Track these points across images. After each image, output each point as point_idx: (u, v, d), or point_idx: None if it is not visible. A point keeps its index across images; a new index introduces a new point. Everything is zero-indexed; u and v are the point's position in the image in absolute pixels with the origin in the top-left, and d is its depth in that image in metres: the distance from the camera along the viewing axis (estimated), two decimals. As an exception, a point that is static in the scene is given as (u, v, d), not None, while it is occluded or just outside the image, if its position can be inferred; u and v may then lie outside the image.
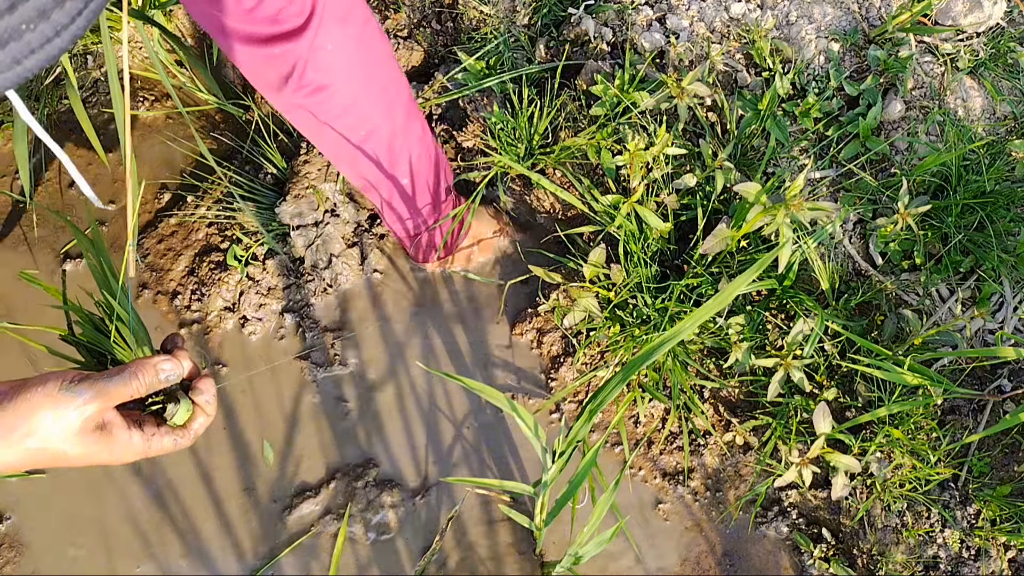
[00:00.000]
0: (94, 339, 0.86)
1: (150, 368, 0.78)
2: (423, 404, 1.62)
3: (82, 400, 0.73)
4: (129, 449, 0.78)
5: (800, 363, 1.42)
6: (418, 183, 1.41)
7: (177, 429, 0.82)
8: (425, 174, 1.42)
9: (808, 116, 1.53)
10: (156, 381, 0.79)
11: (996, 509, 1.41)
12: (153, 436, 0.80)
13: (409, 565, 1.51)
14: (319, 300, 1.67)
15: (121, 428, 0.77)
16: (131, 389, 0.77)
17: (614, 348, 1.54)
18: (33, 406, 0.72)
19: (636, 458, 1.56)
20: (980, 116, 1.57)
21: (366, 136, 1.27)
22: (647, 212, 1.46)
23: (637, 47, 1.62)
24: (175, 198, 1.79)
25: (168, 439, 0.81)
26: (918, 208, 1.44)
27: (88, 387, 0.74)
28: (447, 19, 1.79)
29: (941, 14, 1.60)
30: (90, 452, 0.75)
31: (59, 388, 0.73)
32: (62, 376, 0.74)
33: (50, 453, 0.73)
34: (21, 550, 1.52)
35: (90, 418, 0.74)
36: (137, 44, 1.88)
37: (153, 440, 0.79)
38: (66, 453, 0.74)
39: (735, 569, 1.51)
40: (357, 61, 1.17)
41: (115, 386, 0.75)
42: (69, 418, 0.73)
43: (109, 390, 0.75)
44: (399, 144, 1.32)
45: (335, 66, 1.14)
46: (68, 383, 0.73)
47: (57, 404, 0.72)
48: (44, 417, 0.72)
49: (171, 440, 0.81)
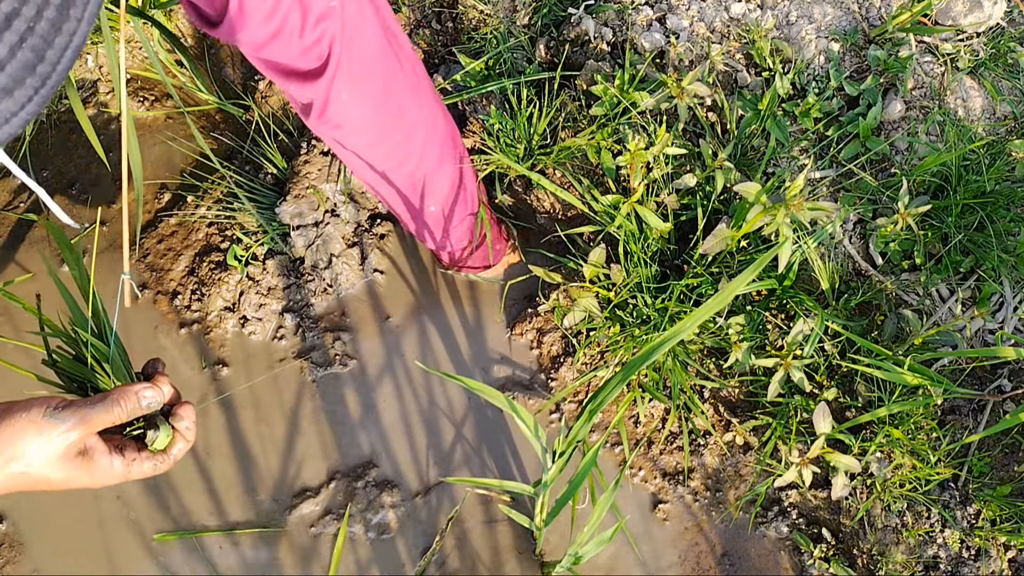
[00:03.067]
0: (74, 368, 0.87)
1: (132, 396, 0.80)
2: (423, 404, 1.62)
3: (66, 427, 0.74)
4: (110, 474, 0.79)
5: (800, 363, 1.42)
6: (444, 212, 1.42)
7: (157, 454, 0.84)
8: (453, 206, 1.42)
9: (808, 116, 1.53)
10: (138, 408, 0.80)
11: (996, 509, 1.41)
12: (134, 461, 0.81)
13: (409, 565, 1.51)
14: (319, 300, 1.67)
15: (103, 453, 0.79)
16: (113, 416, 0.78)
17: (614, 348, 1.54)
18: (17, 432, 0.73)
19: (636, 458, 1.56)
20: (980, 116, 1.57)
21: (388, 171, 1.29)
22: (647, 212, 1.46)
23: (637, 47, 1.62)
24: (175, 198, 1.79)
25: (148, 464, 0.83)
26: (918, 208, 1.44)
27: (72, 414, 0.75)
28: (447, 19, 1.79)
29: (941, 14, 1.60)
30: (72, 477, 0.77)
31: (43, 414, 0.74)
32: (46, 402, 0.75)
33: (32, 478, 0.75)
34: (21, 550, 1.52)
35: (73, 444, 0.75)
36: (137, 44, 1.88)
37: (133, 465, 0.81)
38: (48, 478, 0.75)
39: (735, 569, 1.51)
40: (375, 113, 1.18)
41: (98, 413, 0.77)
42: (53, 444, 0.74)
43: (92, 417, 0.76)
44: (429, 181, 1.34)
45: (351, 114, 1.15)
46: (52, 409, 0.74)
47: (41, 430, 0.73)
48: (28, 443, 0.73)
49: (151, 465, 0.83)
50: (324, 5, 1.00)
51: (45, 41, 0.42)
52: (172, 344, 1.65)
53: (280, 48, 1.02)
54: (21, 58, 0.42)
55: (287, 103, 1.81)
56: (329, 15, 1.01)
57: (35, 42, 0.42)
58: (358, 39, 1.08)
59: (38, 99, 0.44)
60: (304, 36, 1.01)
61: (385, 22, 1.12)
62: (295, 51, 1.03)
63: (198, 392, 1.62)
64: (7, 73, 0.42)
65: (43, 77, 0.44)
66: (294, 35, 1.00)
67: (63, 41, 0.43)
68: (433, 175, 1.33)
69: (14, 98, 0.43)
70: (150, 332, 1.66)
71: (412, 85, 1.20)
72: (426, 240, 1.51)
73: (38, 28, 0.42)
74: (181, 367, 1.64)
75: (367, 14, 1.08)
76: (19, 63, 0.42)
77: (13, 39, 0.41)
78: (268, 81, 1.82)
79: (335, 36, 1.03)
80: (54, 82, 0.44)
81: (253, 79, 1.84)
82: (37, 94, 0.44)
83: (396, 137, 1.24)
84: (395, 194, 1.34)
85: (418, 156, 1.29)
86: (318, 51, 1.04)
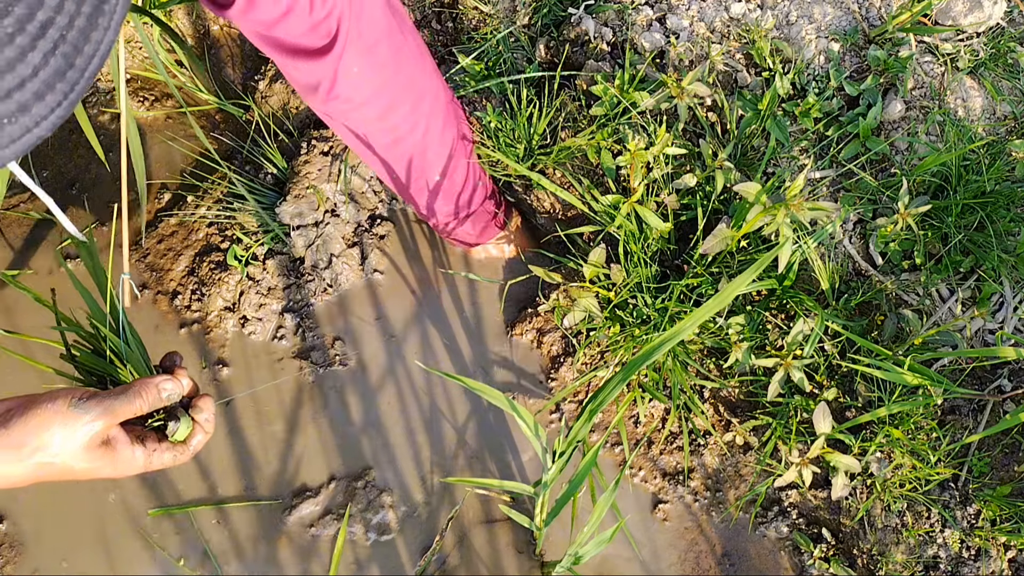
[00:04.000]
0: (93, 363, 0.89)
1: (153, 388, 0.82)
2: (423, 404, 1.62)
3: (90, 417, 0.76)
4: (132, 464, 0.81)
5: (800, 363, 1.42)
6: (451, 183, 1.43)
7: (177, 445, 0.85)
8: (459, 175, 1.44)
9: (808, 116, 1.53)
10: (159, 400, 0.82)
11: (996, 509, 1.41)
12: (154, 452, 0.83)
13: (409, 565, 1.51)
14: (319, 300, 1.67)
15: (125, 444, 0.80)
16: (135, 407, 0.80)
17: (614, 348, 1.54)
18: (43, 422, 0.75)
19: (636, 458, 1.56)
20: (980, 116, 1.57)
21: (394, 142, 1.30)
22: (647, 212, 1.46)
23: (637, 47, 1.62)
24: (175, 198, 1.79)
25: (168, 455, 0.84)
26: (918, 208, 1.44)
27: (96, 404, 0.77)
28: (447, 19, 1.79)
29: (941, 14, 1.60)
30: (95, 467, 0.78)
31: (68, 405, 0.76)
32: (70, 393, 0.77)
33: (57, 468, 0.77)
34: (21, 550, 1.52)
35: (97, 434, 0.77)
36: (137, 44, 1.88)
37: (154, 456, 0.83)
38: (72, 468, 0.77)
39: (735, 569, 1.51)
40: (386, 84, 1.20)
41: (121, 404, 0.79)
42: (77, 434, 0.76)
43: (115, 408, 0.78)
44: (432, 150, 1.35)
45: (363, 87, 1.17)
46: (76, 400, 0.76)
47: (66, 420, 0.75)
48: (54, 433, 0.75)
49: (171, 456, 0.85)
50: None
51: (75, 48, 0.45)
52: (172, 344, 1.65)
53: (291, 26, 1.03)
54: (54, 64, 0.44)
55: (287, 103, 1.81)
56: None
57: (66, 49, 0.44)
58: (366, 12, 1.09)
59: (67, 104, 0.46)
60: (314, 12, 1.02)
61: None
62: (305, 27, 1.04)
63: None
64: (40, 79, 0.44)
65: (72, 83, 0.46)
66: (304, 11, 1.01)
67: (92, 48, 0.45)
68: (437, 142, 1.35)
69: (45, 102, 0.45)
70: (150, 332, 1.66)
71: (417, 55, 1.22)
72: (433, 213, 1.51)
73: (69, 36, 0.44)
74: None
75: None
76: (51, 69, 0.44)
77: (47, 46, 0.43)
78: (268, 81, 1.82)
79: (343, 11, 1.05)
80: (82, 87, 0.46)
81: (253, 79, 1.84)
82: (66, 99, 0.46)
83: (405, 107, 1.25)
84: (400, 165, 1.35)
85: (424, 124, 1.30)
86: (327, 26, 1.05)
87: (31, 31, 0.42)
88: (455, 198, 1.47)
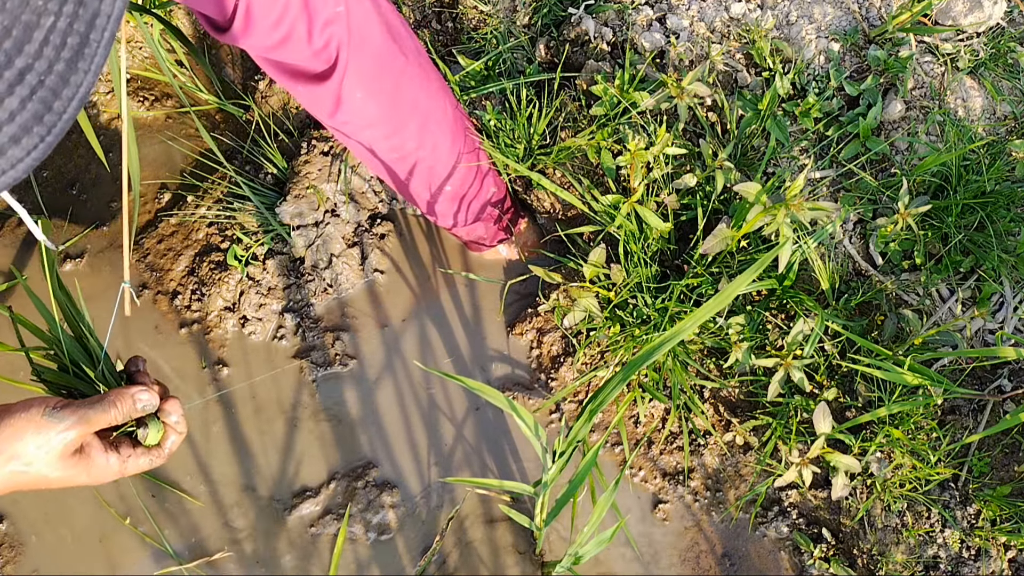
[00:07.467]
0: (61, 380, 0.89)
1: (128, 398, 0.82)
2: (423, 404, 1.62)
3: (64, 426, 0.76)
4: (107, 471, 0.82)
5: (800, 363, 1.42)
6: (461, 191, 1.45)
7: (152, 449, 0.86)
8: (469, 183, 1.46)
9: (808, 116, 1.53)
10: (133, 411, 0.83)
11: (996, 509, 1.41)
12: (129, 457, 0.84)
13: (409, 565, 1.51)
14: (319, 300, 1.67)
15: (99, 451, 0.81)
16: (110, 417, 0.80)
17: (614, 348, 1.54)
18: (16, 431, 0.75)
19: (636, 458, 1.56)
20: (980, 116, 1.57)
21: (402, 158, 1.32)
22: (647, 212, 1.46)
23: (637, 47, 1.62)
24: (175, 198, 1.79)
25: (144, 459, 0.85)
26: (918, 208, 1.44)
27: (70, 413, 0.77)
28: (447, 19, 1.79)
29: (941, 14, 1.60)
30: (70, 475, 0.79)
31: (42, 414, 0.76)
32: (44, 402, 0.77)
33: (31, 477, 0.77)
34: (21, 550, 1.52)
35: (71, 443, 0.77)
36: (136, 44, 1.88)
37: (129, 461, 0.84)
38: (47, 477, 0.77)
39: (735, 569, 1.51)
40: (391, 108, 1.21)
41: (96, 414, 0.79)
42: (51, 443, 0.76)
43: (90, 417, 0.78)
44: (441, 163, 1.37)
45: (367, 112, 1.18)
46: (51, 409, 0.76)
47: (40, 429, 0.75)
48: (27, 443, 0.75)
49: (146, 460, 0.85)
50: (330, 11, 1.01)
51: (54, 93, 0.44)
52: (172, 344, 1.65)
53: (289, 52, 1.03)
54: (31, 109, 0.44)
55: (287, 103, 1.81)
56: (335, 20, 1.02)
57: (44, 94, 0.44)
58: (367, 42, 1.09)
59: (43, 146, 0.46)
60: (312, 42, 1.02)
61: (385, 18, 1.13)
62: (305, 54, 1.04)
63: (198, 392, 1.62)
64: (17, 123, 0.44)
65: (49, 126, 0.46)
66: (302, 40, 1.01)
67: (71, 92, 0.45)
68: (446, 156, 1.36)
69: (21, 145, 0.45)
70: (150, 332, 1.66)
71: (421, 77, 1.22)
72: (444, 219, 1.53)
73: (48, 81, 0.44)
74: (181, 367, 1.64)
75: (371, 16, 1.09)
76: (29, 113, 0.44)
77: (25, 92, 0.43)
78: (268, 81, 1.82)
79: (342, 41, 1.05)
80: (59, 130, 0.46)
81: (253, 79, 1.84)
82: (43, 141, 0.46)
83: (411, 128, 1.27)
84: (409, 177, 1.37)
85: (432, 141, 1.31)
86: (326, 55, 1.05)
87: (8, 78, 0.42)
88: (467, 205, 1.49)
